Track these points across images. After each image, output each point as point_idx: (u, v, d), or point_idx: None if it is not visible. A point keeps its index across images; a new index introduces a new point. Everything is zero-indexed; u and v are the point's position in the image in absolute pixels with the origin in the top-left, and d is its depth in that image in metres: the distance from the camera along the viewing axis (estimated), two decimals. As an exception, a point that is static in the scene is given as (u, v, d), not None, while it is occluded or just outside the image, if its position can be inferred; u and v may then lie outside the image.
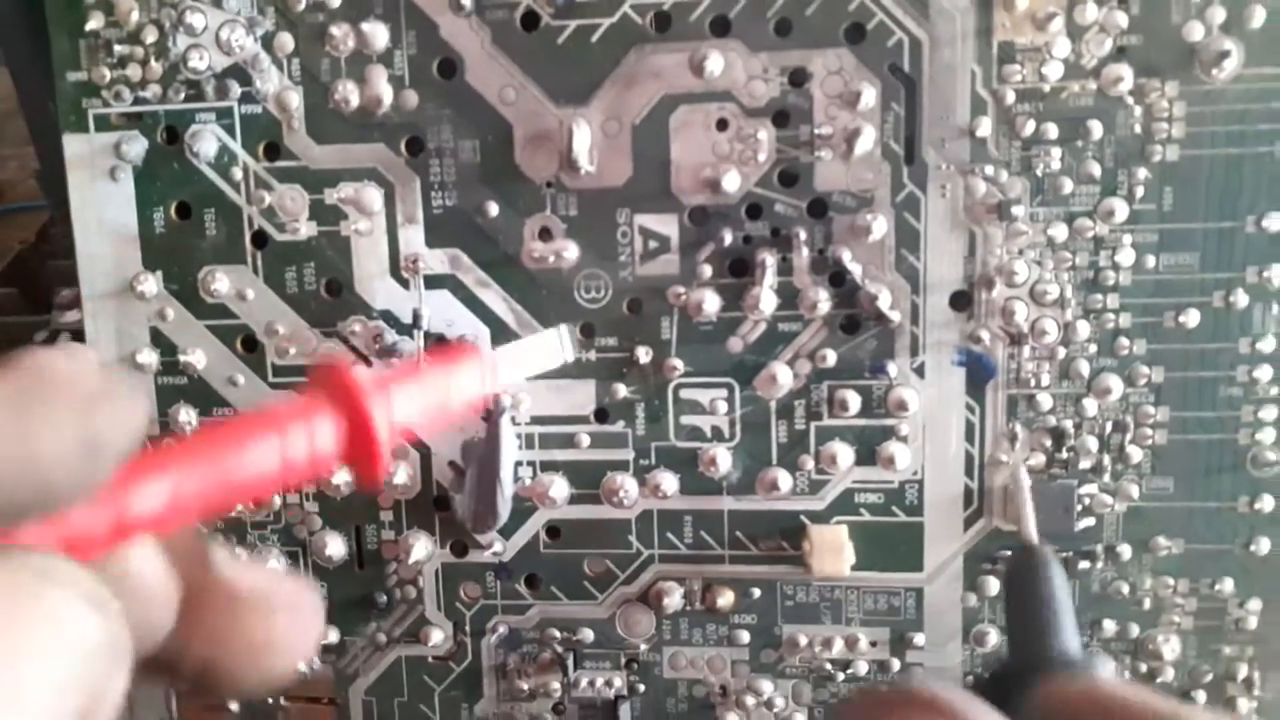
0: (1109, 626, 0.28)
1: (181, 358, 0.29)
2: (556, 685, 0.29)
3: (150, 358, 0.29)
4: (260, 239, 0.28)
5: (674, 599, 0.29)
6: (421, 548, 0.29)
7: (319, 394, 0.17)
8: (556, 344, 0.27)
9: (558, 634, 0.29)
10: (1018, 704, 0.17)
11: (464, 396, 0.19)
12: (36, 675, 0.12)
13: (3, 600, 0.12)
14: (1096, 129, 0.26)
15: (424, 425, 0.19)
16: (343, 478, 0.29)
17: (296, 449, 0.15)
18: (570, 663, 0.29)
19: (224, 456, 0.15)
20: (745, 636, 0.29)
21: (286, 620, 0.16)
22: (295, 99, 0.27)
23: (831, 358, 0.27)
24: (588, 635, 0.29)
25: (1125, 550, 0.27)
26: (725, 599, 0.29)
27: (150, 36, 0.27)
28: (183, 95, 0.28)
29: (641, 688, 0.29)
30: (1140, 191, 0.26)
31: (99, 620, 0.13)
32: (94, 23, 0.27)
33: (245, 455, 0.15)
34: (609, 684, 0.29)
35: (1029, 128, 0.26)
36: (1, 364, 0.12)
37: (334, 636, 0.30)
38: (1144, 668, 0.28)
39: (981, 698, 0.18)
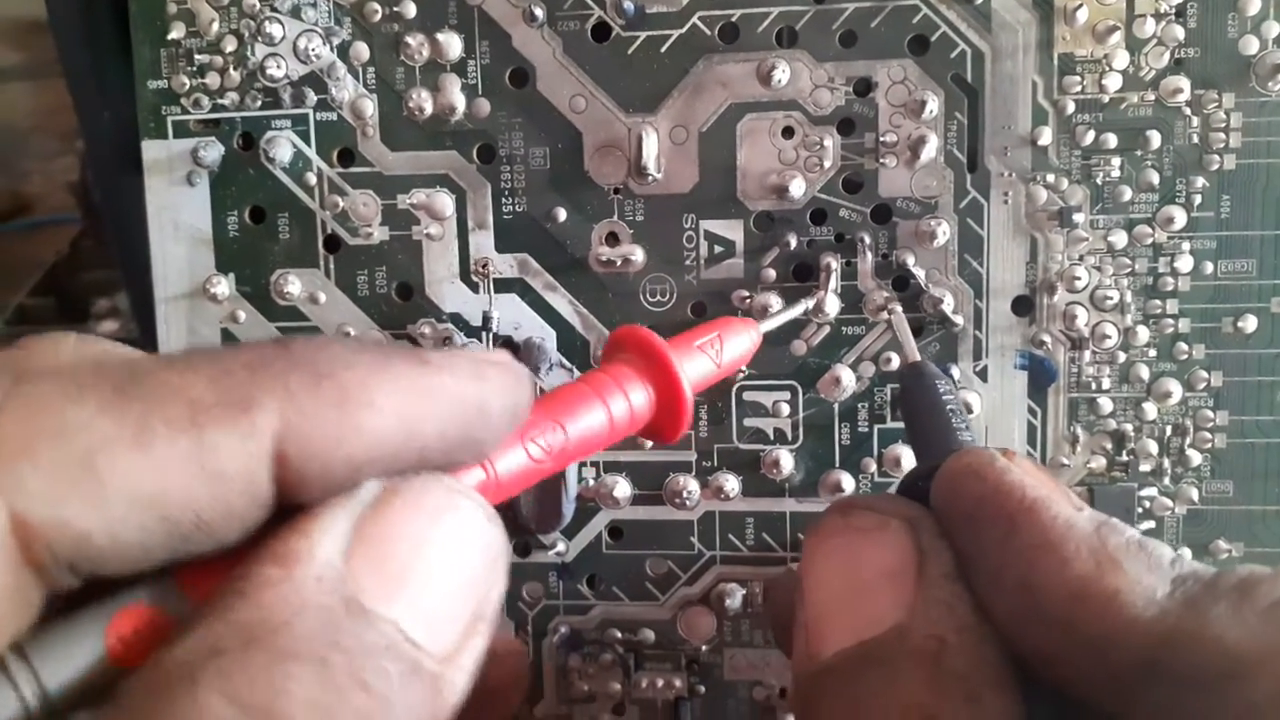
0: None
1: (252, 359, 0.30)
2: (617, 686, 0.31)
3: (221, 359, 0.30)
4: (333, 243, 0.30)
5: (735, 600, 0.30)
6: (486, 548, 0.30)
7: (624, 359, 0.20)
8: (801, 306, 0.28)
9: (619, 635, 0.30)
10: (927, 498, 0.20)
11: (736, 359, 0.22)
12: (448, 574, 0.15)
13: (423, 506, 0.15)
14: (1155, 139, 0.27)
15: (705, 386, 0.22)
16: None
17: (620, 413, 0.18)
18: (631, 664, 0.30)
19: (564, 425, 0.17)
20: (807, 638, 0.30)
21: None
22: (370, 107, 0.29)
23: (895, 360, 0.28)
24: (649, 636, 0.30)
25: (1186, 553, 0.28)
26: (787, 600, 0.30)
27: (230, 46, 0.29)
28: (259, 103, 0.29)
29: (702, 689, 0.31)
30: (1198, 199, 0.27)
31: (496, 532, 0.16)
32: (176, 32, 0.29)
33: (580, 422, 0.18)
34: (669, 685, 0.30)
35: (1089, 137, 0.27)
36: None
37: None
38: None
39: None
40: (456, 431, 0.15)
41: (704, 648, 0.31)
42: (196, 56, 0.30)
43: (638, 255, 0.29)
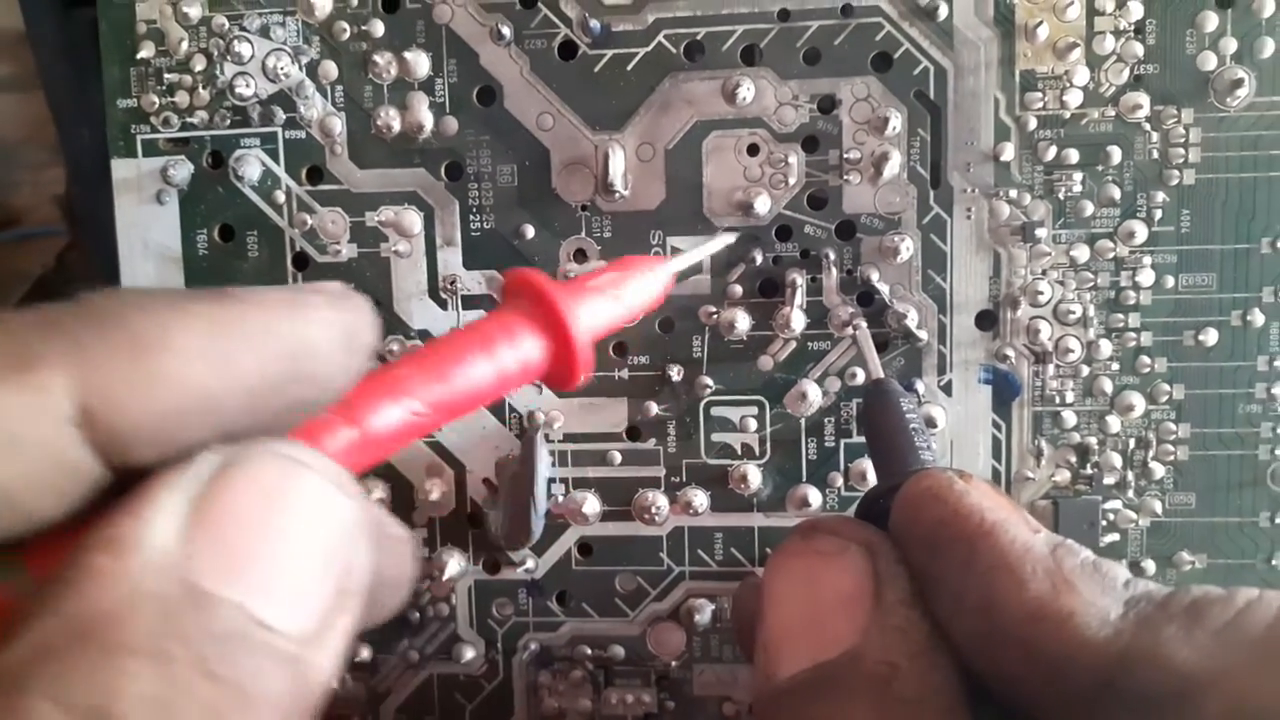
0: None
1: (222, 376, 0.30)
2: (587, 703, 0.31)
3: (190, 376, 0.30)
4: (301, 260, 0.30)
5: (704, 616, 0.30)
6: (455, 565, 0.30)
7: (515, 305, 0.18)
8: (716, 243, 0.28)
9: (588, 651, 0.30)
10: (887, 517, 0.20)
11: (642, 301, 0.20)
12: (298, 550, 0.14)
13: (262, 478, 0.14)
14: (1116, 154, 0.27)
15: (609, 329, 0.20)
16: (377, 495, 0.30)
17: (508, 364, 0.17)
18: (601, 680, 0.30)
19: (447, 377, 0.16)
20: (776, 652, 0.30)
21: (410, 562, 0.20)
22: (338, 125, 0.29)
23: (860, 376, 0.28)
24: (618, 652, 0.30)
25: (1150, 565, 0.29)
26: (756, 615, 0.30)
27: (199, 65, 0.29)
28: (228, 121, 0.30)
29: (671, 705, 0.31)
30: (1159, 214, 0.28)
31: (347, 501, 0.15)
32: (145, 52, 0.29)
33: (465, 374, 0.16)
34: (639, 702, 0.31)
35: (1051, 153, 0.28)
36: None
37: (366, 654, 0.31)
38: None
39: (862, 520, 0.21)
40: (281, 369, 0.14)
41: (673, 664, 0.31)
42: (166, 75, 0.30)
43: (605, 271, 0.29)
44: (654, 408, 0.30)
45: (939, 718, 0.18)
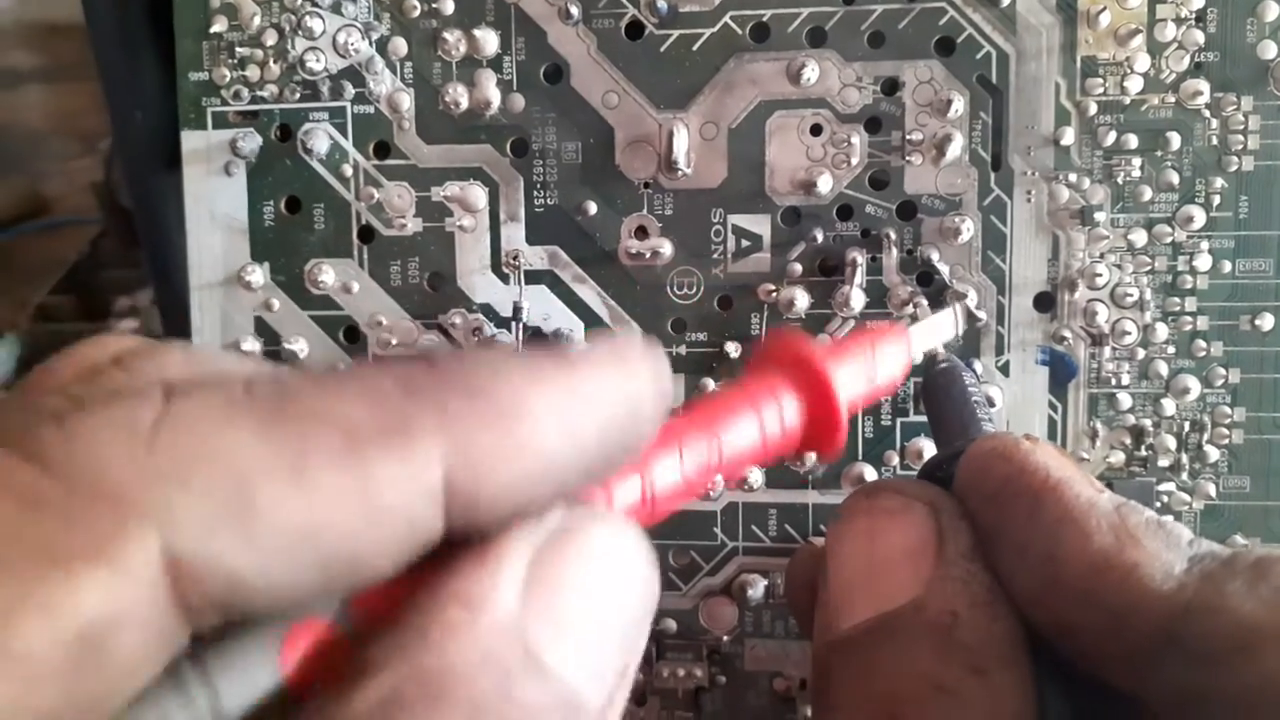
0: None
1: (285, 346, 0.31)
2: (639, 676, 0.31)
3: (253, 346, 0.31)
4: (367, 234, 0.30)
5: (757, 591, 0.30)
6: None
7: (776, 369, 0.19)
8: (952, 320, 0.28)
9: (642, 624, 0.31)
10: (950, 482, 0.21)
11: (889, 374, 0.21)
12: (611, 622, 0.14)
13: (595, 549, 0.14)
14: (1175, 140, 0.28)
15: (860, 402, 0.20)
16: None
17: (771, 426, 0.17)
18: (653, 653, 0.31)
19: (719, 437, 0.17)
20: (828, 629, 0.30)
21: None
22: (407, 100, 0.30)
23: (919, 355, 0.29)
24: (671, 626, 0.31)
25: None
26: (809, 591, 0.30)
27: (270, 39, 0.30)
28: (298, 95, 0.30)
29: (723, 680, 0.31)
30: (1217, 200, 0.28)
31: (656, 578, 0.15)
32: (218, 26, 0.30)
33: (734, 435, 0.17)
34: (690, 675, 0.31)
35: (1110, 138, 0.28)
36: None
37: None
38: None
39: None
40: (614, 435, 0.14)
41: (725, 638, 0.31)
42: (238, 49, 0.30)
43: (666, 248, 0.30)
44: (711, 384, 0.30)
45: (999, 663, 0.18)
